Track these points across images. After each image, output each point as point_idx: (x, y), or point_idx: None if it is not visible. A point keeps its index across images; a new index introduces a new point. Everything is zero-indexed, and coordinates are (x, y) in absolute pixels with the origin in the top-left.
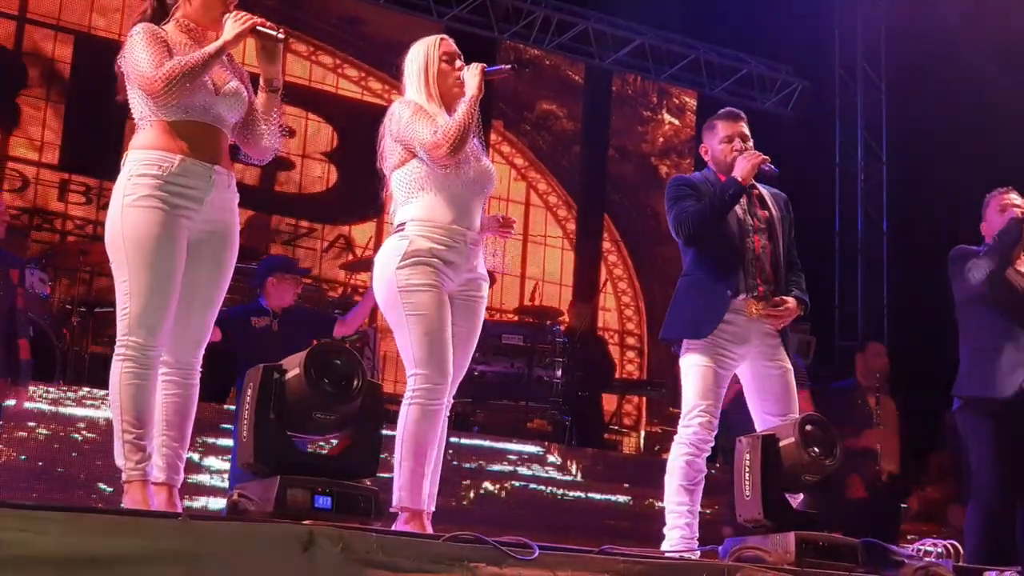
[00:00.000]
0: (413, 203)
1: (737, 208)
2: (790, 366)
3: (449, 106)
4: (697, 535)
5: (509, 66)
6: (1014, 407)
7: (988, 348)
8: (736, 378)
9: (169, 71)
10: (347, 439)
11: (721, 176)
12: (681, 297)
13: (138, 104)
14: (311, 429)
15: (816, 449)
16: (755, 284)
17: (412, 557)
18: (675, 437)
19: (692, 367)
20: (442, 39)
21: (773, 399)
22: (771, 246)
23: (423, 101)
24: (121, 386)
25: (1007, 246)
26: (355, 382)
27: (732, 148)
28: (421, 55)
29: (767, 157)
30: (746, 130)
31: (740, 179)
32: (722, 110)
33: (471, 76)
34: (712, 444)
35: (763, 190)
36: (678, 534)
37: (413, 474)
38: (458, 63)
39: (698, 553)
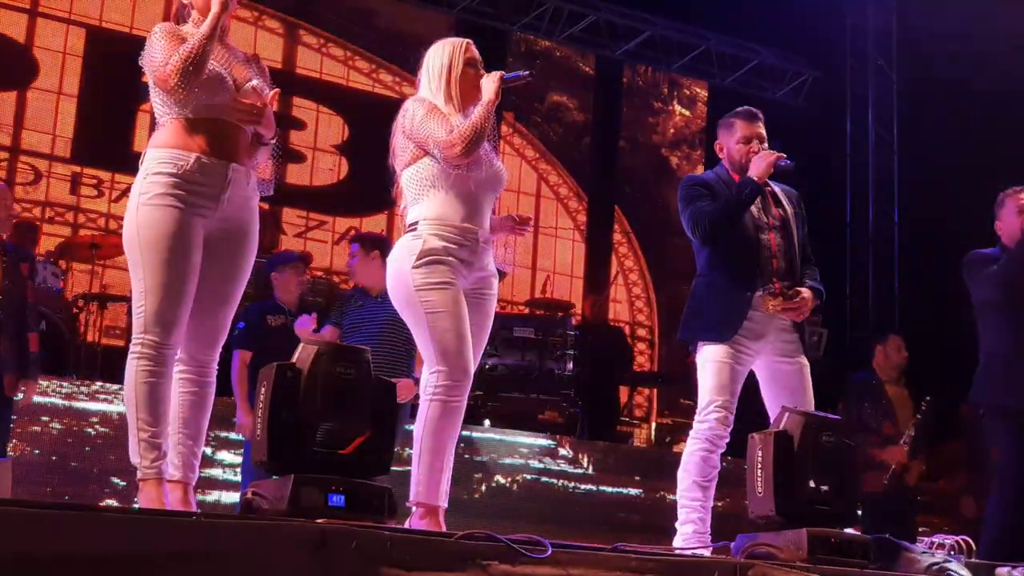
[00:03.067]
0: (425, 202)
1: (752, 207)
2: (806, 362)
3: (465, 110)
4: (709, 531)
5: (528, 72)
6: None
7: (1004, 354)
8: None
9: (175, 63)
10: (361, 437)
11: (734, 175)
12: (700, 298)
13: (158, 103)
14: (339, 394)
15: (811, 411)
16: (771, 281)
17: (425, 555)
18: (690, 432)
19: (709, 363)
20: (468, 43)
21: (788, 394)
22: (785, 244)
23: (440, 101)
24: (136, 384)
25: None
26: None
27: (749, 150)
28: (446, 55)
29: (782, 154)
30: (763, 131)
31: (756, 178)
32: (741, 108)
33: (489, 82)
34: (727, 440)
35: (776, 188)
36: (691, 529)
37: (431, 470)
38: (480, 70)
39: (710, 549)
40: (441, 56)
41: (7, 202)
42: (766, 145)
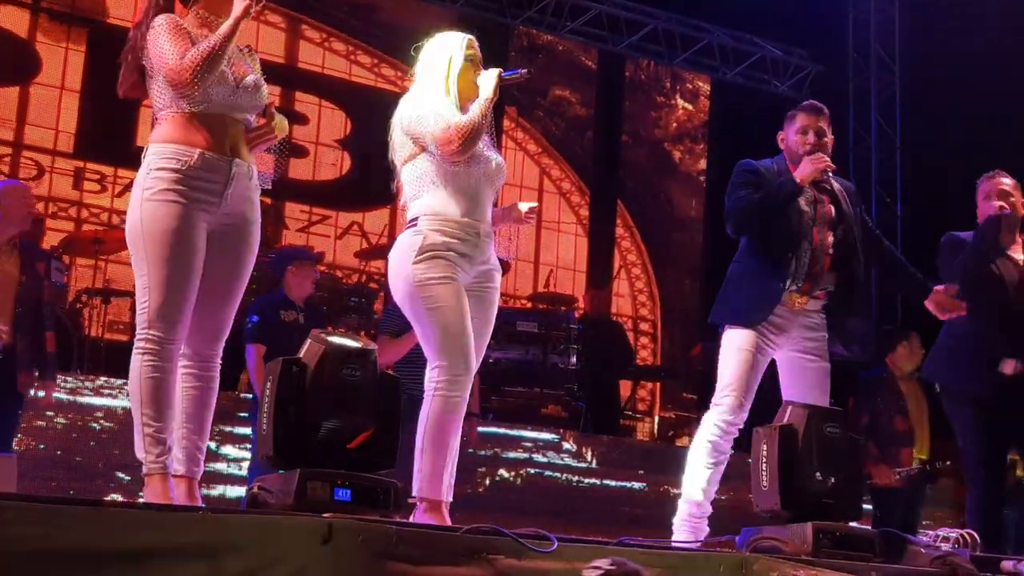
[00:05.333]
0: (425, 197)
1: (802, 201)
2: (827, 365)
3: (463, 106)
4: (708, 512)
5: (526, 71)
6: (993, 400)
7: (966, 337)
8: None
9: (191, 61)
10: (367, 431)
11: (791, 165)
12: (734, 284)
13: (159, 96)
14: (343, 393)
15: (816, 404)
16: (803, 277)
17: (431, 549)
18: (705, 415)
19: (734, 350)
20: (469, 39)
21: (804, 390)
22: (833, 239)
23: (438, 96)
24: (141, 379)
25: (986, 247)
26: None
27: (805, 140)
28: (445, 50)
29: (833, 167)
30: (825, 125)
31: (799, 180)
32: (806, 102)
33: (488, 79)
34: (739, 427)
35: (836, 183)
36: (687, 511)
37: (434, 465)
38: (479, 66)
39: (715, 541)
40: (440, 50)
41: (27, 199)
42: (827, 140)
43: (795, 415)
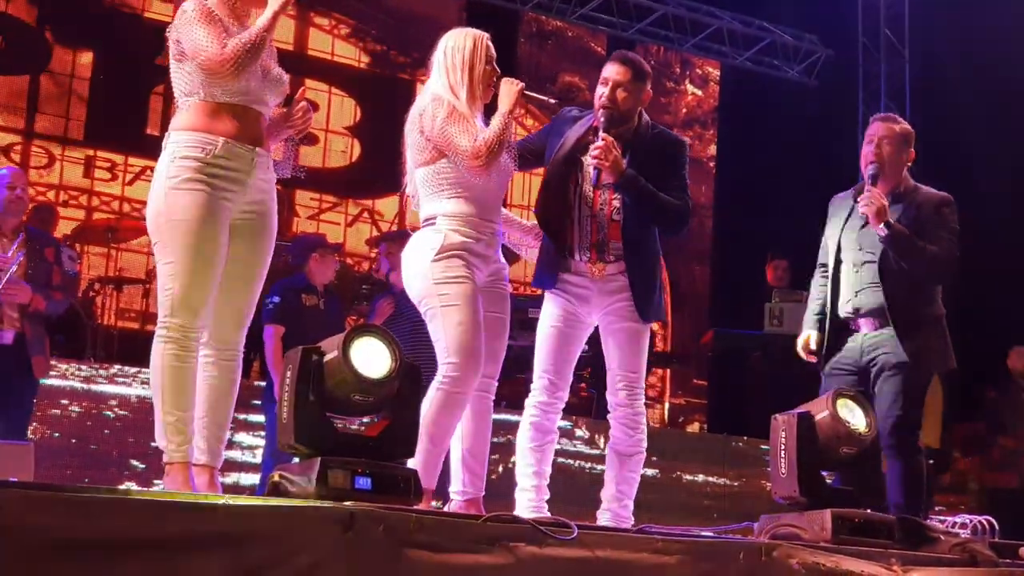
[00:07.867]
0: (442, 198)
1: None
2: (642, 327)
3: (480, 107)
4: (546, 496)
5: (555, 101)
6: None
7: None
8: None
9: (234, 51)
10: (386, 420)
11: None
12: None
13: (186, 81)
14: (350, 411)
15: (850, 421)
16: (590, 245)
17: (452, 537)
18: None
19: (540, 329)
20: (489, 39)
21: (617, 354)
22: (621, 198)
23: (462, 95)
24: (163, 368)
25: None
26: (392, 363)
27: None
28: (469, 49)
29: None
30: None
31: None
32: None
33: (509, 89)
34: (560, 405)
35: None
36: (522, 499)
37: (429, 455)
38: (496, 68)
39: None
40: (464, 49)
41: (8, 183)
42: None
43: (824, 421)
